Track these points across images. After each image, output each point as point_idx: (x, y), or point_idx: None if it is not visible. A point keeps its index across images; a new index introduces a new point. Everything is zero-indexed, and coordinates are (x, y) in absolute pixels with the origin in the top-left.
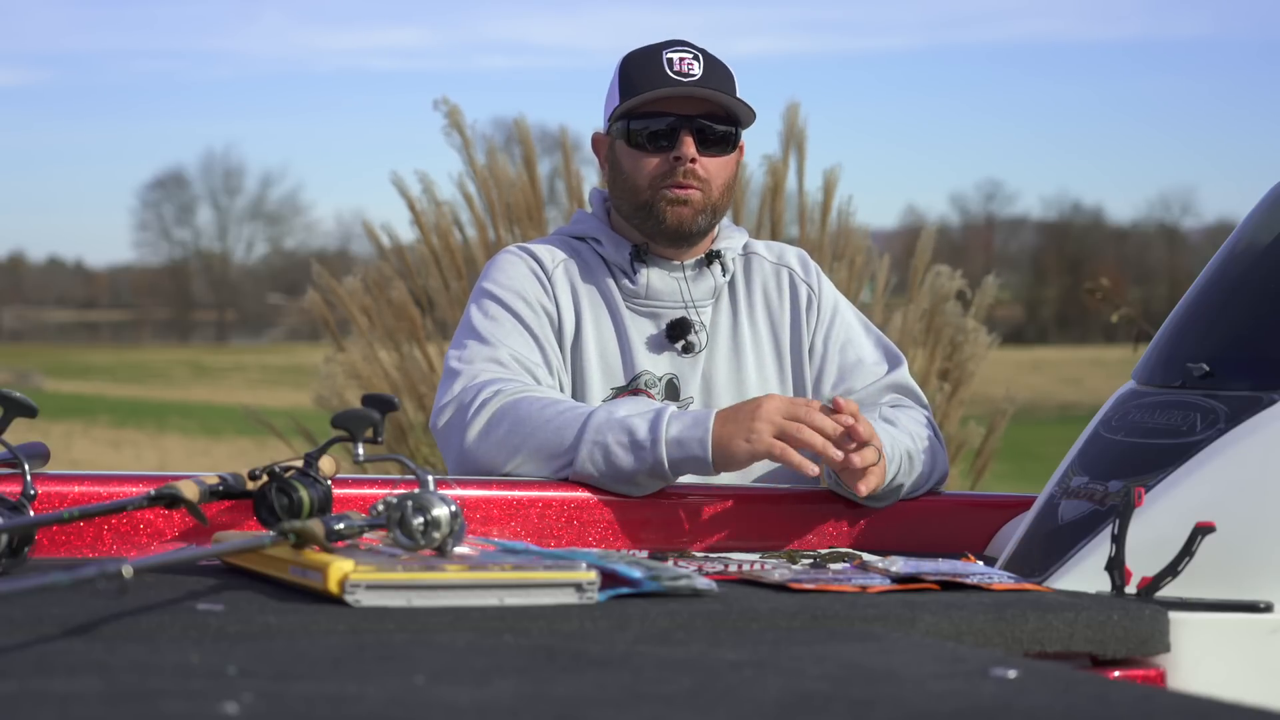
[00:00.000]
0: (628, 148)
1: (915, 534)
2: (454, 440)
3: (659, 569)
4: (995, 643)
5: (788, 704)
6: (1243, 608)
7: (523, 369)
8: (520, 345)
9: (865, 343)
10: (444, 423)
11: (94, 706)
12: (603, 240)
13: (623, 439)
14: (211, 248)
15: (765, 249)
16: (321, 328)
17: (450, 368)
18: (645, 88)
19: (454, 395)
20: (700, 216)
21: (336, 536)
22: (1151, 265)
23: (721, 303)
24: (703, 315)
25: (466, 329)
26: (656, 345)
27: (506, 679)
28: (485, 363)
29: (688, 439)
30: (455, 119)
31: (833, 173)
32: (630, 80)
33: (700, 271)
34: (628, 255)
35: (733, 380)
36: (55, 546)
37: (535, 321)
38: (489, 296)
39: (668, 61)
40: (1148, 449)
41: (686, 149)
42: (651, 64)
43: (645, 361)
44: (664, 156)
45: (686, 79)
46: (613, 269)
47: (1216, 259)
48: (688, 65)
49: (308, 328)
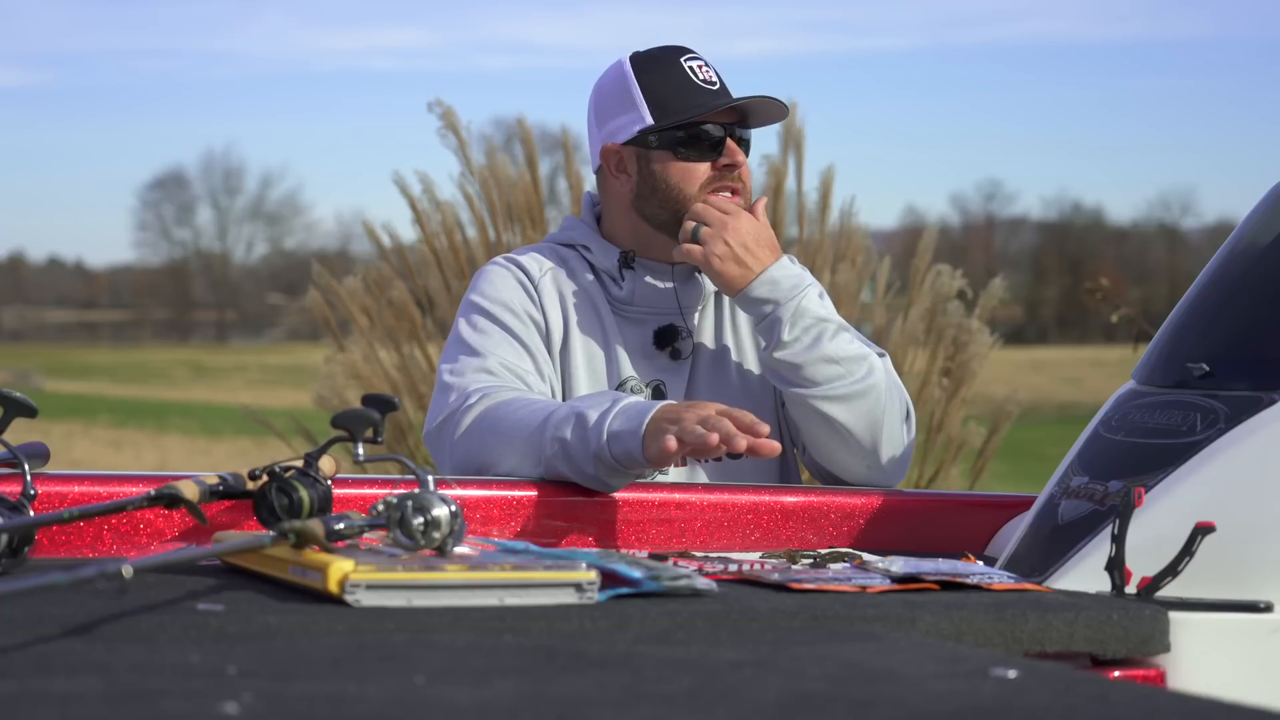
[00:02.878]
0: (673, 160)
1: (915, 534)
2: (443, 446)
3: (659, 569)
4: (995, 643)
5: (788, 704)
6: (1243, 608)
7: (514, 376)
8: (510, 354)
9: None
10: (436, 432)
11: (94, 706)
12: (591, 247)
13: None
14: (211, 248)
15: None
16: (322, 328)
17: (443, 381)
18: (685, 101)
19: (447, 405)
20: None
21: (336, 536)
22: (1151, 265)
23: (709, 309)
24: (690, 322)
25: (456, 343)
26: (643, 352)
27: (506, 679)
28: (476, 373)
29: (623, 431)
30: (450, 120)
31: (829, 172)
32: (660, 94)
33: (689, 278)
34: (616, 261)
35: (718, 387)
36: (55, 546)
37: (524, 331)
38: (476, 309)
39: (690, 70)
40: (1148, 449)
41: (737, 156)
42: (678, 76)
43: (631, 368)
44: (714, 163)
45: (713, 86)
46: (601, 276)
47: (1216, 259)
48: (707, 73)
49: (308, 328)
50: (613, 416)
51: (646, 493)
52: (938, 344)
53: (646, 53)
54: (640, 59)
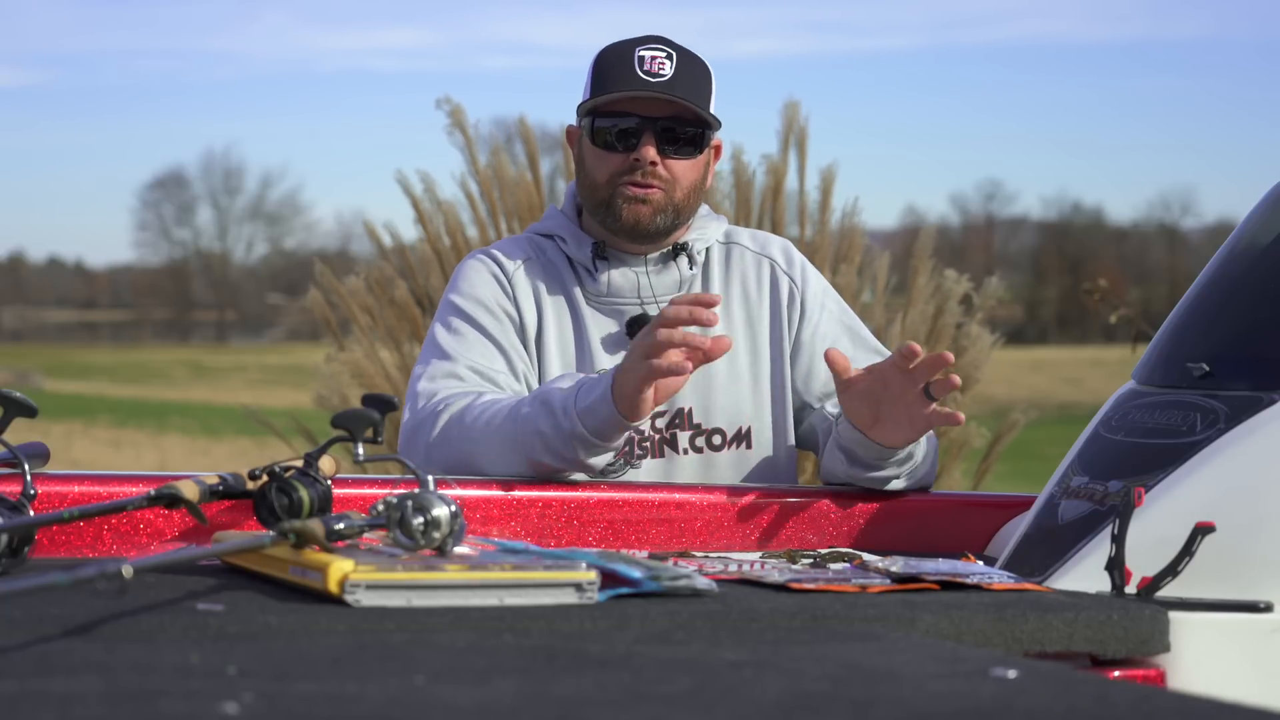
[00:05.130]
0: (591, 145)
1: (915, 534)
2: (416, 458)
3: (659, 569)
4: (995, 643)
5: (788, 704)
6: (1243, 608)
7: (482, 379)
8: (481, 356)
9: (858, 340)
10: (406, 439)
11: (94, 706)
12: (566, 238)
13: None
14: (211, 248)
15: (749, 239)
16: (322, 328)
17: (413, 389)
18: (613, 86)
19: (415, 412)
20: (660, 216)
21: (336, 536)
22: (1151, 265)
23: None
24: None
25: (430, 345)
26: (616, 343)
27: (506, 679)
28: (444, 379)
29: (595, 404)
30: (458, 118)
31: (830, 171)
32: (601, 77)
33: (664, 266)
34: (589, 252)
35: (699, 376)
36: (55, 546)
37: (498, 328)
38: (452, 308)
39: (639, 60)
40: (1148, 449)
41: (646, 152)
42: (622, 62)
43: (605, 359)
44: (625, 156)
45: (656, 79)
46: (576, 267)
47: (1216, 259)
48: (659, 65)
49: (308, 328)
50: (579, 396)
51: (646, 493)
52: (938, 345)
53: (624, 39)
54: (612, 44)
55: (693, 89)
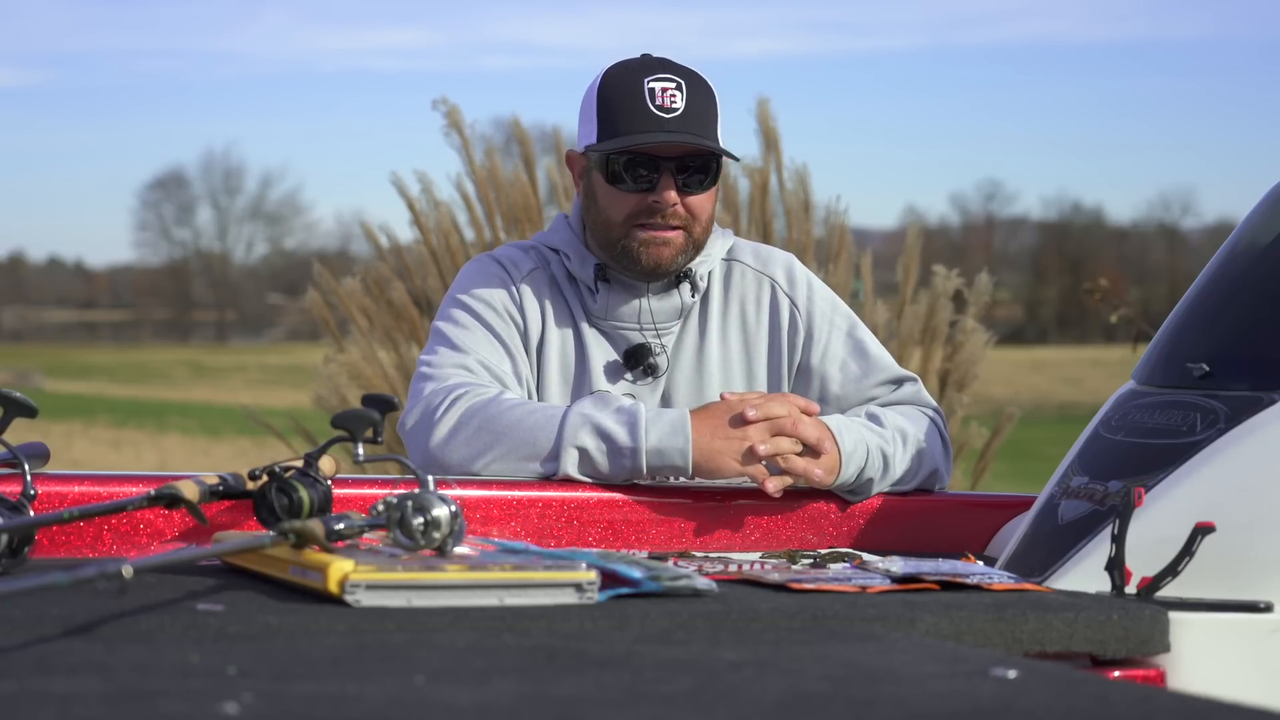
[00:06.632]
0: (605, 183)
1: (915, 534)
2: (420, 440)
3: (659, 569)
4: (995, 643)
5: (788, 704)
6: (1243, 608)
7: (492, 376)
8: (489, 354)
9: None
10: (411, 424)
11: (94, 706)
12: (571, 255)
13: (603, 446)
14: (211, 248)
15: (752, 256)
16: (321, 328)
17: (420, 373)
18: (627, 124)
19: (423, 398)
20: (681, 256)
21: (336, 536)
22: (1151, 265)
23: (689, 323)
24: (666, 337)
25: (437, 336)
26: (615, 368)
27: (506, 679)
28: (454, 368)
29: (668, 449)
30: (455, 119)
31: (804, 169)
32: (611, 111)
33: (666, 293)
34: (592, 272)
35: (696, 404)
36: (55, 546)
37: (504, 330)
38: (459, 305)
39: (649, 93)
40: (1148, 449)
41: (667, 196)
42: (633, 96)
43: (604, 382)
44: (643, 197)
45: (669, 114)
46: (579, 285)
47: (1216, 259)
48: (670, 98)
49: (308, 328)
50: (646, 428)
51: (646, 493)
52: (933, 343)
53: (622, 64)
54: (612, 71)
55: (705, 121)
